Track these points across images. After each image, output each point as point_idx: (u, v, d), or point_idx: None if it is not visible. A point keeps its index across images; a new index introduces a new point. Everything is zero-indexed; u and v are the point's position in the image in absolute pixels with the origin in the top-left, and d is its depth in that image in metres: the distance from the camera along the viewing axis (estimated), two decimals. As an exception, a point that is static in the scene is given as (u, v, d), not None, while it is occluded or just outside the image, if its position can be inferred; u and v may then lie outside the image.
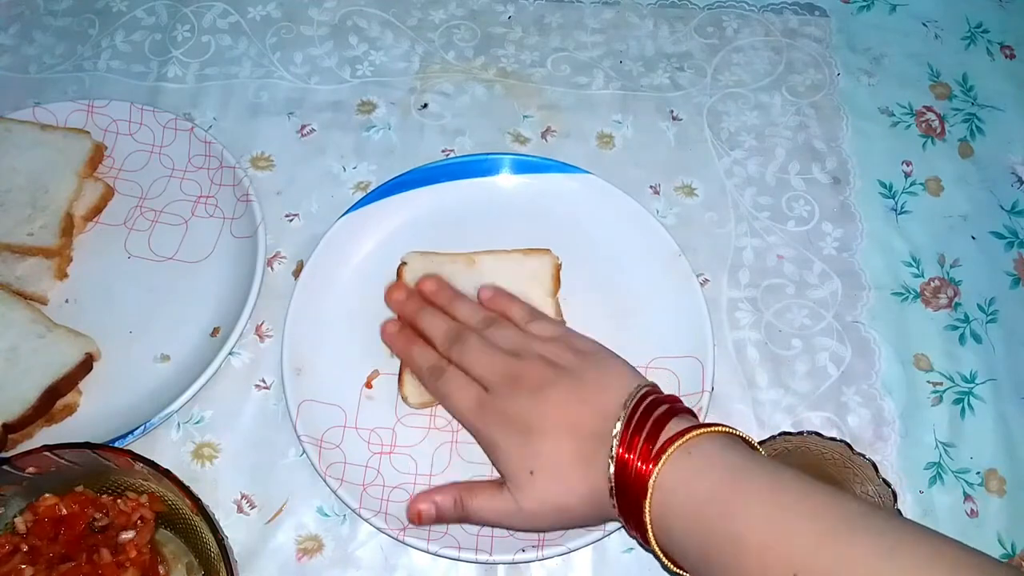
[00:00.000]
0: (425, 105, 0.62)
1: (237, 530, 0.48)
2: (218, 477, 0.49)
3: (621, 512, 0.40)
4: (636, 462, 0.39)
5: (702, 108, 0.63)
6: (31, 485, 0.42)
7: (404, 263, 0.53)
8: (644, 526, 0.38)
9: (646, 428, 0.39)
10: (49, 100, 0.59)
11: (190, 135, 0.58)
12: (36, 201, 0.54)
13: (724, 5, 0.68)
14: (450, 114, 0.62)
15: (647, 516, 0.38)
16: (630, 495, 0.39)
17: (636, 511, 0.39)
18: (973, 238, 0.59)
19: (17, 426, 0.47)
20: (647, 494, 0.38)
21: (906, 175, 0.61)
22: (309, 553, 0.48)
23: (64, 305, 0.53)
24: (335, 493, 0.47)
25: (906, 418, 0.52)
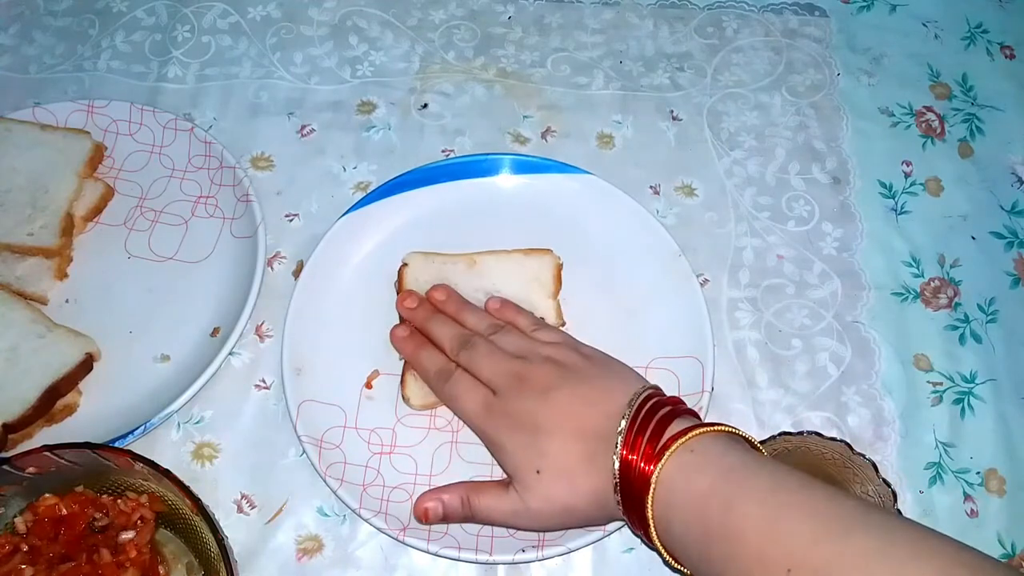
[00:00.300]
0: (425, 105, 0.62)
1: (237, 530, 0.48)
2: (218, 477, 0.49)
3: (625, 510, 0.40)
4: (639, 461, 0.39)
5: (702, 108, 0.63)
6: (31, 485, 0.42)
7: (405, 264, 0.53)
8: (647, 522, 0.39)
9: (649, 428, 0.40)
10: (49, 100, 0.59)
11: (190, 135, 0.58)
12: (36, 201, 0.54)
13: (724, 5, 0.68)
14: (450, 114, 0.62)
15: (649, 512, 0.39)
16: (633, 492, 0.39)
17: (639, 508, 0.39)
18: (973, 238, 0.59)
19: (17, 426, 0.47)
20: (649, 490, 0.38)
21: (906, 175, 0.61)
22: (309, 553, 0.48)
23: (64, 305, 0.53)
24: (335, 493, 0.47)
25: (906, 418, 0.52)
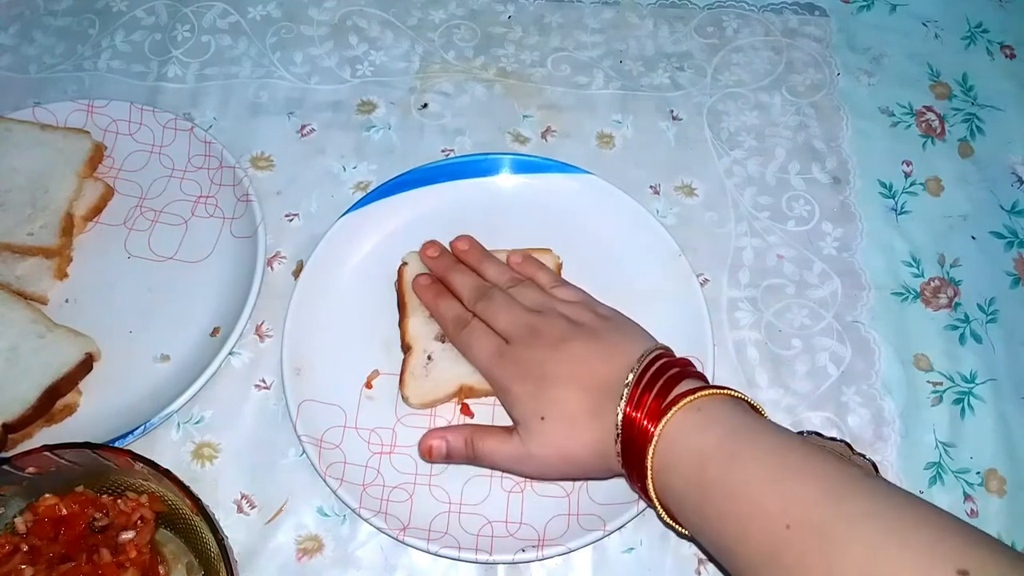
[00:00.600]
0: (425, 105, 0.62)
1: (237, 530, 0.48)
2: (218, 477, 0.49)
3: (624, 464, 0.41)
4: (643, 417, 0.40)
5: (702, 108, 0.63)
6: (31, 485, 0.42)
7: (405, 264, 0.53)
8: (645, 476, 0.39)
9: (657, 386, 0.41)
10: (49, 100, 0.59)
11: (190, 135, 0.58)
12: (36, 201, 0.54)
13: (724, 5, 0.68)
14: (450, 114, 0.62)
15: (649, 464, 0.39)
16: (635, 447, 0.40)
17: (639, 462, 0.40)
18: (973, 238, 0.59)
19: (17, 426, 0.47)
20: (651, 443, 0.39)
21: (906, 175, 0.61)
22: (309, 553, 0.48)
23: (64, 305, 0.53)
24: (335, 493, 0.47)
25: (906, 418, 0.52)
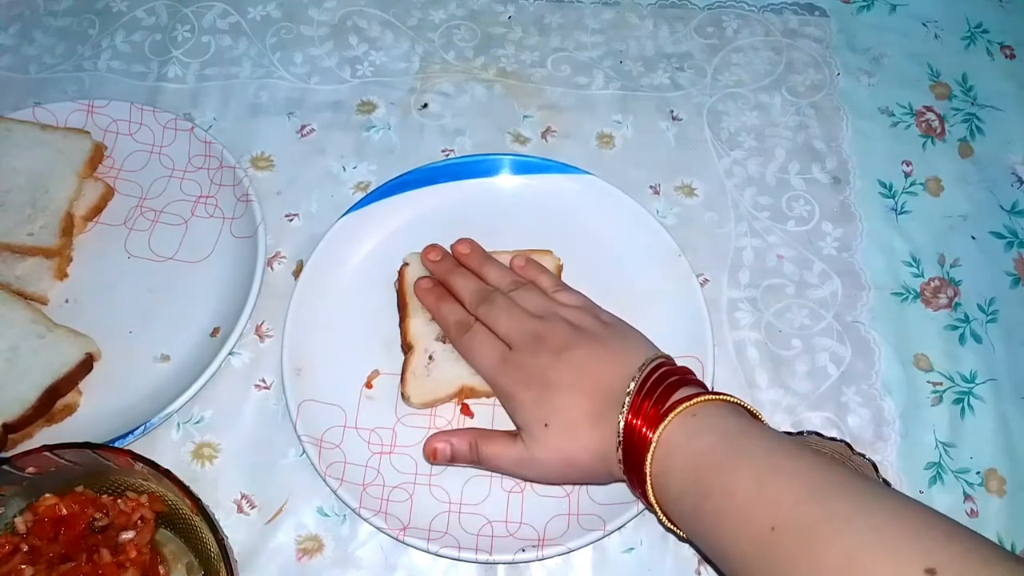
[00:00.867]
0: (425, 105, 0.62)
1: (237, 530, 0.48)
2: (218, 477, 0.49)
3: (625, 469, 0.42)
4: (643, 423, 0.40)
5: (702, 108, 0.63)
6: (31, 485, 0.42)
7: (405, 264, 0.53)
8: (644, 480, 0.40)
9: (656, 393, 0.41)
10: (49, 100, 0.59)
11: (190, 135, 0.58)
12: (36, 201, 0.54)
13: (724, 5, 0.68)
14: (450, 114, 0.62)
15: (648, 469, 0.40)
16: (635, 452, 0.41)
17: (639, 467, 0.40)
18: (973, 238, 0.59)
19: (17, 426, 0.47)
20: (649, 449, 0.40)
21: (906, 175, 0.61)
22: (309, 553, 0.48)
23: (64, 305, 0.53)
24: (335, 493, 0.47)
25: (906, 418, 0.52)
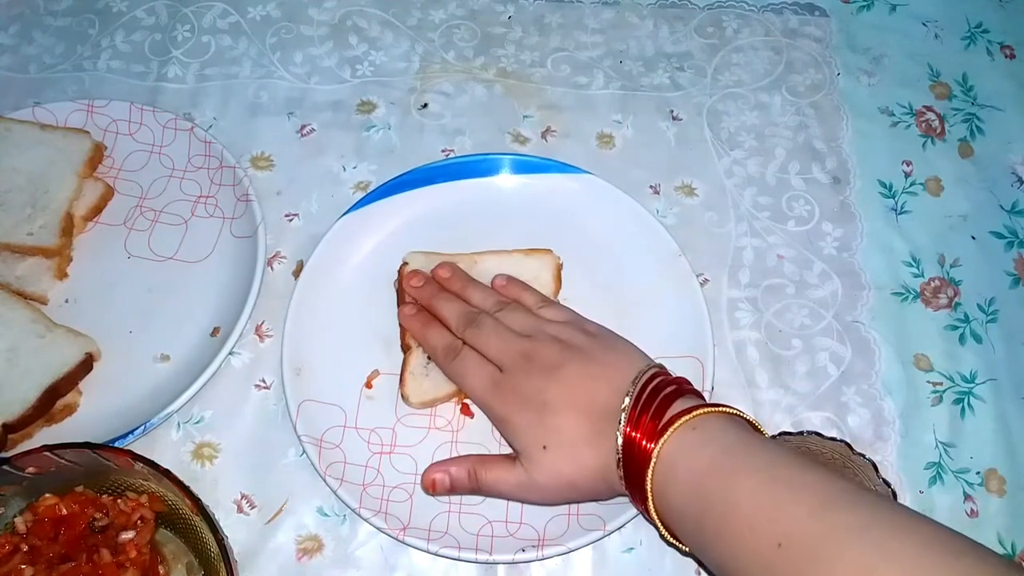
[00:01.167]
0: (425, 105, 0.62)
1: (237, 530, 0.48)
2: (218, 477, 0.49)
3: (627, 485, 0.41)
4: (642, 438, 0.40)
5: (702, 108, 0.63)
6: (31, 485, 0.42)
7: (405, 263, 0.53)
8: (646, 496, 0.40)
9: (653, 406, 0.41)
10: (49, 100, 0.59)
11: (190, 135, 0.58)
12: (36, 201, 0.54)
13: (724, 5, 0.68)
14: (450, 114, 0.62)
15: (648, 486, 0.40)
16: (635, 468, 0.40)
17: (640, 483, 0.40)
18: (973, 238, 0.59)
19: (17, 426, 0.47)
20: (650, 464, 0.39)
21: (906, 175, 0.61)
22: (309, 553, 0.48)
23: (64, 305, 0.53)
24: (335, 493, 0.47)
25: (906, 418, 0.52)
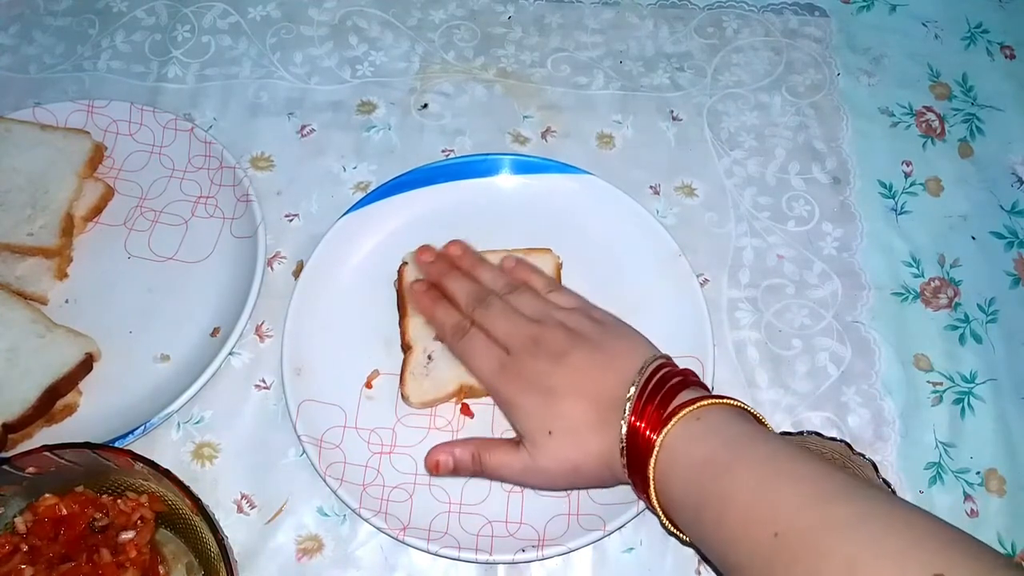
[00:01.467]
0: (425, 105, 0.62)
1: (237, 530, 0.48)
2: (218, 477, 0.49)
3: (629, 472, 0.42)
4: (646, 427, 0.40)
5: (702, 108, 0.63)
6: (31, 485, 0.42)
7: (405, 264, 0.53)
8: (648, 484, 0.40)
9: (658, 396, 0.41)
10: (49, 100, 0.59)
11: (190, 135, 0.58)
12: (36, 201, 0.54)
13: (724, 5, 0.68)
14: (450, 114, 0.62)
15: (651, 474, 0.40)
16: (638, 456, 0.40)
17: (642, 471, 0.40)
18: (973, 238, 0.59)
19: (17, 426, 0.47)
20: (652, 453, 0.40)
21: (906, 175, 0.61)
22: (309, 553, 0.48)
23: (64, 305, 0.53)
24: (335, 493, 0.47)
25: (906, 418, 0.52)
